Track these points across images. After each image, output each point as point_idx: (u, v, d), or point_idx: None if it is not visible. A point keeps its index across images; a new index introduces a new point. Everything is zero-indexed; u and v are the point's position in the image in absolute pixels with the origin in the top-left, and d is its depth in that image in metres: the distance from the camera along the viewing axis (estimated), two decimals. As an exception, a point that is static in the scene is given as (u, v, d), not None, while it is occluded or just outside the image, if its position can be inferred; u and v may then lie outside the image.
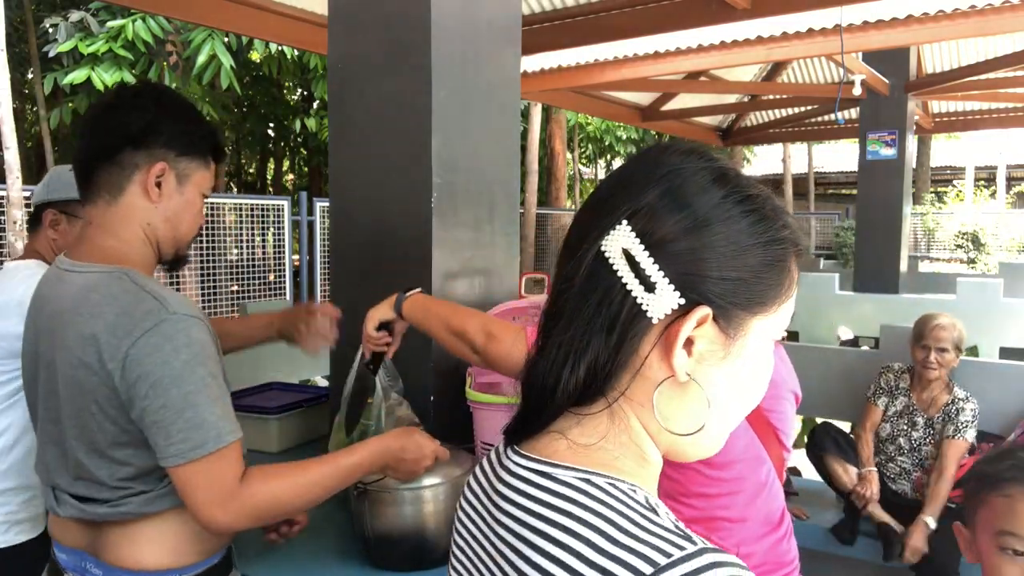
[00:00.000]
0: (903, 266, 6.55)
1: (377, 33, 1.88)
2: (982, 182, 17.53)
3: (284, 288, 8.30)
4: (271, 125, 12.98)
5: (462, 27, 1.87)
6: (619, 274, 0.58)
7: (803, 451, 5.18)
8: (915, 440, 2.92)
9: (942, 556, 2.57)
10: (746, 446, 1.43)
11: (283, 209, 8.18)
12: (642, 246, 0.58)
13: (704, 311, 0.58)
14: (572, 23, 4.19)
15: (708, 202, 0.59)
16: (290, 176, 17.76)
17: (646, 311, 0.58)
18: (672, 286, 0.58)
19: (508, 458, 0.65)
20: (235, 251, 7.93)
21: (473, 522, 0.69)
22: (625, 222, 0.59)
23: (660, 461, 0.65)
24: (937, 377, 2.89)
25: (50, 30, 8.43)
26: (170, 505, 1.17)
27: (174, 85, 8.48)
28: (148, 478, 1.17)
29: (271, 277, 8.48)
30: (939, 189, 16.88)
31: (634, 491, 0.58)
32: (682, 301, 0.58)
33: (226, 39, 8.22)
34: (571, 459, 0.60)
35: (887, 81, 6.24)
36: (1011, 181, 18.04)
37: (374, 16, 1.88)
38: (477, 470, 0.73)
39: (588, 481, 0.58)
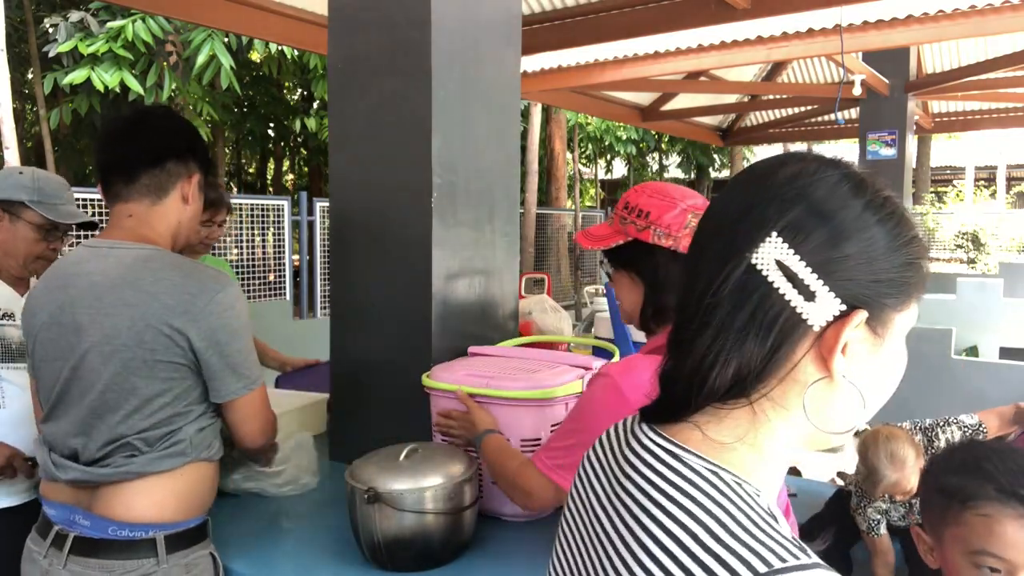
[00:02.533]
0: (903, 266, 6.54)
1: (377, 33, 1.88)
2: (982, 182, 17.53)
3: (284, 288, 8.29)
4: (271, 125, 12.98)
5: (462, 27, 1.87)
6: (775, 285, 0.61)
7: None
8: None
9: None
10: None
11: (283, 209, 8.17)
12: (797, 256, 0.60)
13: (863, 315, 0.61)
14: (572, 23, 4.19)
15: (854, 209, 0.62)
16: (290, 176, 17.76)
17: (806, 319, 0.60)
18: (832, 294, 0.60)
19: (642, 431, 0.69)
20: (235, 251, 7.93)
21: (597, 477, 0.72)
22: (775, 234, 0.61)
23: (785, 465, 0.67)
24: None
25: (50, 30, 8.43)
26: (168, 467, 1.34)
27: (174, 85, 8.49)
28: (149, 440, 1.34)
29: (271, 277, 8.47)
30: (939, 189, 16.87)
31: (758, 495, 0.61)
32: (843, 308, 0.60)
33: (226, 39, 8.22)
34: (703, 450, 0.63)
35: (887, 81, 6.24)
36: (1011, 181, 18.04)
37: (374, 16, 1.88)
38: (603, 436, 0.77)
39: (716, 474, 0.61)
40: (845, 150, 18.48)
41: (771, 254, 0.61)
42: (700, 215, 1.13)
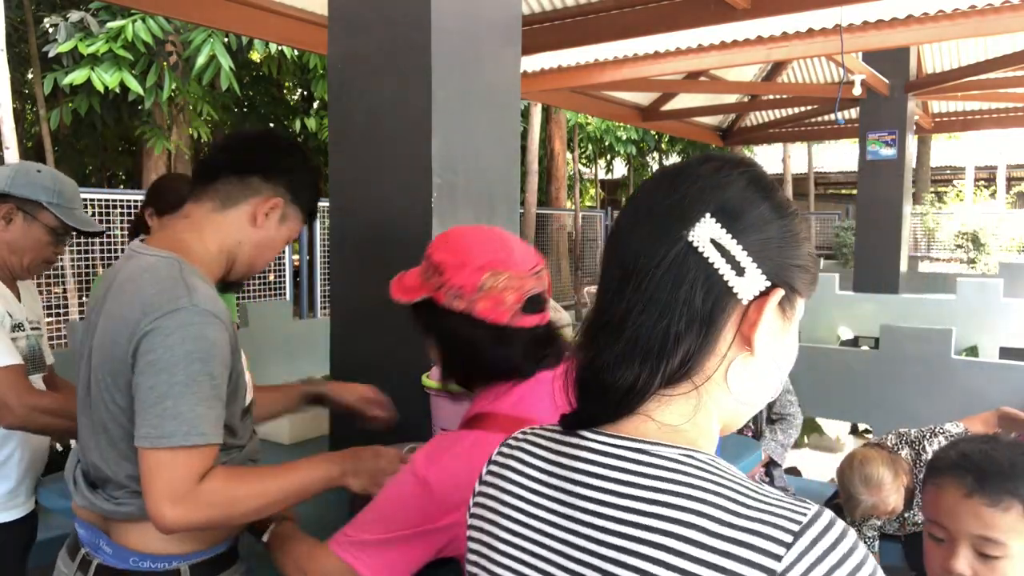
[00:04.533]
0: (903, 266, 6.55)
1: (377, 33, 1.88)
2: (982, 182, 17.53)
3: (284, 288, 8.29)
4: (271, 125, 12.98)
5: (462, 27, 1.87)
6: (710, 260, 0.64)
7: (804, 451, 5.19)
8: (918, 522, 2.49)
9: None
10: None
11: (283, 209, 8.17)
12: (729, 235, 0.65)
13: (781, 293, 0.67)
14: (572, 23, 4.19)
15: (772, 201, 0.68)
16: (290, 176, 17.75)
17: (736, 293, 0.65)
18: (759, 271, 0.65)
19: (586, 439, 0.68)
20: (235, 251, 7.93)
21: (537, 505, 0.69)
22: (709, 215, 0.65)
23: (715, 444, 0.70)
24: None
25: (50, 30, 8.43)
26: None
27: (174, 85, 8.48)
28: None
29: (271, 277, 8.47)
30: (939, 189, 16.87)
31: (730, 466, 0.63)
32: (768, 283, 0.66)
33: (226, 39, 8.22)
34: (663, 438, 0.65)
35: (887, 81, 6.24)
36: (1011, 181, 18.04)
37: (374, 16, 1.88)
38: (521, 455, 0.74)
39: (690, 456, 0.63)
40: (845, 150, 18.51)
41: (706, 233, 0.65)
42: (503, 272, 1.13)
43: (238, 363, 1.26)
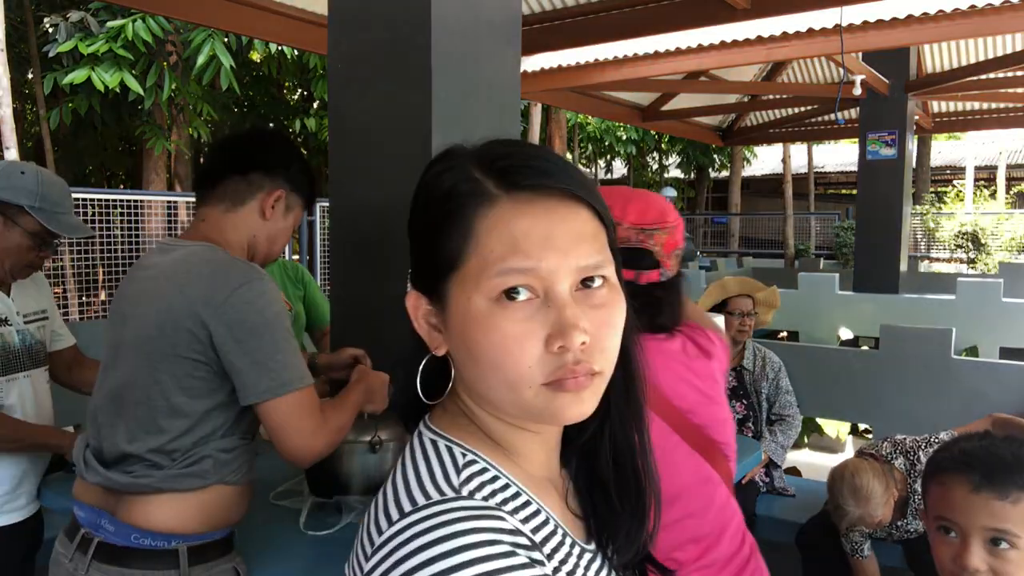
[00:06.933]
0: (903, 266, 6.55)
1: (377, 33, 1.88)
2: (982, 182, 17.51)
3: (284, 288, 8.28)
4: (271, 125, 12.98)
5: (462, 27, 1.86)
6: None
7: (804, 451, 5.19)
8: (911, 530, 2.56)
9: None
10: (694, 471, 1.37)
11: (283, 209, 8.17)
12: None
13: (415, 294, 0.72)
14: (572, 23, 4.19)
15: None
16: (290, 176, 17.76)
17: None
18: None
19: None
20: (235, 251, 7.93)
21: None
22: None
23: (503, 436, 0.69)
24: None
25: (50, 30, 8.42)
26: (187, 487, 1.30)
27: (174, 85, 8.48)
28: (172, 454, 1.30)
29: (271, 277, 8.46)
30: (939, 189, 16.87)
31: (464, 453, 0.67)
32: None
33: (226, 39, 8.21)
34: (444, 428, 0.71)
35: (887, 81, 6.24)
36: (1011, 181, 18.03)
37: (374, 16, 1.88)
38: None
39: (434, 443, 0.69)
40: (845, 150, 18.48)
41: None
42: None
43: None
